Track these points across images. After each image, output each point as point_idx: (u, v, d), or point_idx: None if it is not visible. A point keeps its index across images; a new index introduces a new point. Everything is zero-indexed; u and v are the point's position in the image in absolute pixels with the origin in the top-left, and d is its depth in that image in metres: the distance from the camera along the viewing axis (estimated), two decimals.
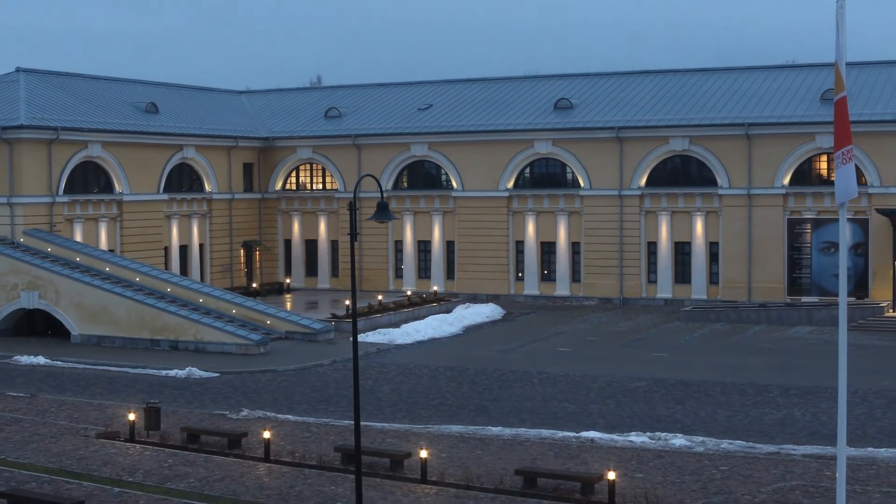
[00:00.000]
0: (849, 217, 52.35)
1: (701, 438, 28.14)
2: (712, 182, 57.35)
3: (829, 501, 20.97)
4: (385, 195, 18.83)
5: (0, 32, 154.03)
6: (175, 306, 47.75)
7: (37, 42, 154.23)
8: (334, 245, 66.50)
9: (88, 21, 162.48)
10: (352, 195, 18.21)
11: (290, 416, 31.83)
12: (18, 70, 59.70)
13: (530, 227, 61.13)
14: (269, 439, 26.65)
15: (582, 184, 59.75)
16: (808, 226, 55.76)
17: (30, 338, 49.65)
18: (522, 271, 61.65)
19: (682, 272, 58.39)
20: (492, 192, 61.63)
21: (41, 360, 43.22)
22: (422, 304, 55.86)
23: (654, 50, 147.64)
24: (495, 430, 29.76)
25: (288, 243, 67.91)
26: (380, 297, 56.09)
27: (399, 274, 64.51)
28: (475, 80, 70.24)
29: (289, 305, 57.66)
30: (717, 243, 57.48)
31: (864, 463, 25.13)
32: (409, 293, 59.57)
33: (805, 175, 56.18)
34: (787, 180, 55.79)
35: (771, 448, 27.14)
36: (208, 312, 48.04)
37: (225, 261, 64.61)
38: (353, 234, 18.06)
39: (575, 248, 60.52)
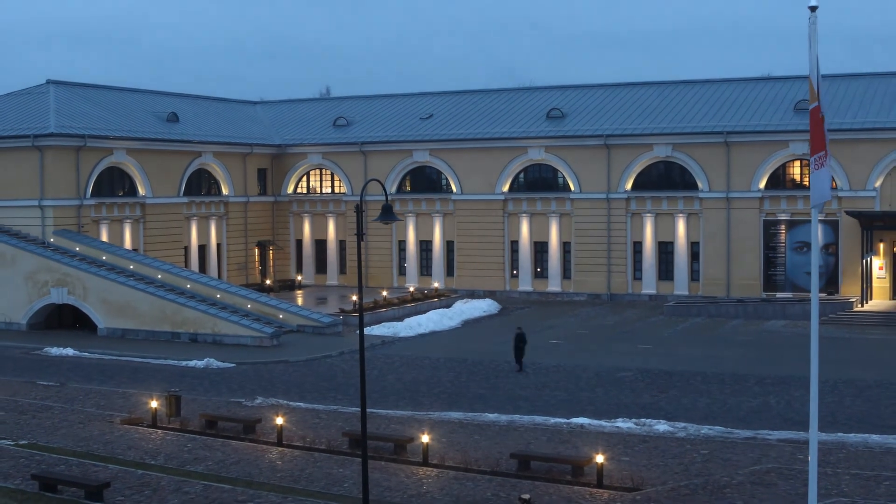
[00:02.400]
0: (820, 218, 52.49)
1: (683, 424, 28.14)
2: (693, 186, 57.33)
3: (802, 483, 20.94)
4: (389, 198, 18.77)
5: (33, 45, 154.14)
6: (194, 301, 47.74)
7: (63, 53, 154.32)
8: (342, 245, 66.50)
9: (111, 33, 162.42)
10: (358, 198, 18.17)
11: (301, 404, 31.82)
12: (48, 82, 59.71)
13: (524, 228, 61.12)
14: (281, 425, 26.67)
15: (572, 188, 59.73)
16: (783, 227, 55.77)
17: (59, 331, 49.69)
18: (517, 269, 61.65)
19: (666, 270, 58.39)
20: (488, 196, 61.60)
21: (70, 351, 43.25)
22: (423, 300, 55.88)
23: (640, 62, 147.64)
24: (492, 416, 29.75)
25: (299, 243, 67.91)
26: (384, 293, 56.11)
27: (402, 271, 64.51)
28: (473, 91, 70.23)
29: (300, 301, 57.67)
30: (697, 243, 57.47)
31: (834, 447, 25.13)
32: (411, 289, 59.58)
33: (779, 179, 56.17)
34: (762, 184, 55.78)
35: (748, 433, 27.14)
36: (225, 307, 48.04)
37: (240, 259, 64.61)
38: (360, 235, 18.04)
39: (566, 247, 60.52)
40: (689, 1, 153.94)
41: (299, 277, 66.47)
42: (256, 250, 66.19)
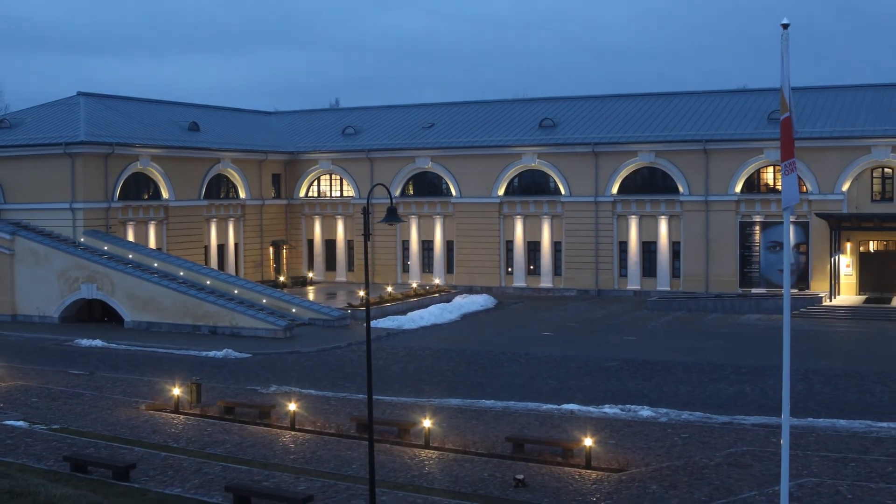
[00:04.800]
0: (792, 220, 52.47)
1: (665, 410, 28.15)
2: (675, 190, 57.32)
3: (775, 464, 20.96)
4: (394, 201, 18.66)
5: (66, 60, 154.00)
6: (214, 297, 47.74)
7: (94, 68, 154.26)
8: (350, 244, 66.50)
9: (138, 49, 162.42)
10: (365, 201, 18.15)
11: (312, 391, 31.82)
12: (79, 94, 59.68)
13: (518, 229, 61.10)
14: (294, 411, 26.68)
15: (563, 191, 59.72)
16: (757, 227, 55.76)
17: (89, 324, 49.71)
18: (512, 267, 61.63)
19: (649, 267, 58.37)
20: (485, 199, 61.59)
21: (98, 342, 43.26)
22: (425, 295, 55.83)
23: (627, 75, 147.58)
24: (488, 403, 29.75)
25: (310, 242, 67.91)
26: (389, 289, 56.10)
27: (406, 269, 64.49)
28: (471, 102, 70.18)
29: (311, 296, 57.63)
30: (678, 242, 57.46)
31: (805, 431, 25.15)
32: (414, 285, 59.54)
33: (754, 184, 56.15)
34: (738, 188, 55.77)
35: (725, 418, 27.16)
36: (242, 302, 48.03)
37: (256, 257, 64.61)
38: (367, 235, 18.02)
39: (557, 246, 60.50)
40: (675, 18, 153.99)
41: (311, 274, 66.47)
42: (271, 249, 66.18)
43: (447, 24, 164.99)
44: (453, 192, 62.70)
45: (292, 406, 26.78)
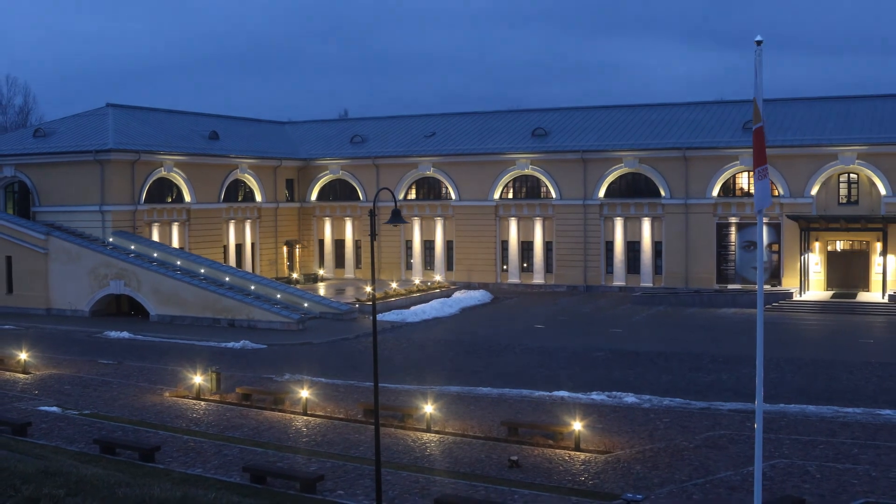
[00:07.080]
0: (765, 221, 52.56)
1: (648, 397, 28.15)
2: (657, 194, 57.31)
3: (749, 447, 20.98)
4: (398, 204, 18.51)
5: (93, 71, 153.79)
6: (232, 292, 47.73)
7: (119, 81, 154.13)
8: (358, 244, 66.48)
9: (159, 61, 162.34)
10: (372, 204, 18.12)
11: (322, 379, 31.81)
12: (108, 105, 59.67)
13: (513, 229, 61.08)
14: (306, 398, 26.68)
15: (554, 195, 59.70)
16: (733, 228, 55.75)
17: (117, 317, 49.73)
18: (507, 264, 61.62)
19: (633, 265, 58.36)
20: (482, 202, 61.57)
21: (126, 334, 43.26)
22: (427, 291, 55.84)
23: (615, 87, 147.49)
24: (485, 390, 29.75)
25: (321, 242, 67.88)
26: (394, 285, 56.10)
27: (409, 266, 64.47)
28: (469, 112, 70.13)
29: (322, 292, 57.65)
30: (660, 242, 57.45)
31: (777, 416, 25.14)
32: (416, 282, 59.57)
33: (730, 188, 56.15)
34: (716, 192, 55.76)
35: (703, 404, 27.15)
36: (258, 297, 48.03)
37: (271, 256, 64.59)
38: (373, 235, 18.00)
39: (548, 246, 60.49)
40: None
41: (321, 272, 66.46)
42: (285, 248, 66.17)
43: None
44: (453, 195, 62.68)
45: (304, 393, 26.79)
